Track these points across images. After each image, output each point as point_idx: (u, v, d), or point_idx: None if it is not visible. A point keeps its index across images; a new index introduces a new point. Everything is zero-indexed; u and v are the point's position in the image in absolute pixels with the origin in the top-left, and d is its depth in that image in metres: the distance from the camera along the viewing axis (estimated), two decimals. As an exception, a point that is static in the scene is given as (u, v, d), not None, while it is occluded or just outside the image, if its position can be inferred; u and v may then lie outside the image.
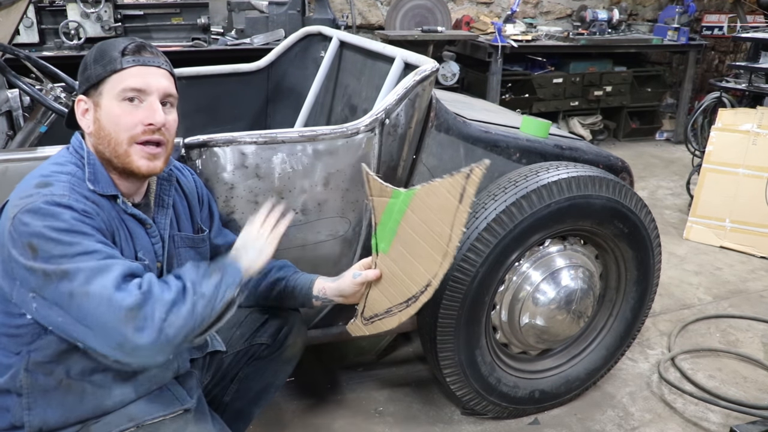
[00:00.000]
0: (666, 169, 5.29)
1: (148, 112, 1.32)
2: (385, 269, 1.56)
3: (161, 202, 1.47)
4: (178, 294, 1.22)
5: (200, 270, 1.29)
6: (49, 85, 1.97)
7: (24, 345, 1.30)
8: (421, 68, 1.88)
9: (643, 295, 2.29)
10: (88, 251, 1.18)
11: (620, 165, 2.41)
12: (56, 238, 1.17)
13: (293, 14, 4.41)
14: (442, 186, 1.44)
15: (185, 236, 1.54)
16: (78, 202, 1.23)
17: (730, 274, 3.43)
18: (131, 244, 1.36)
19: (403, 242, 1.52)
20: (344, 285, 1.60)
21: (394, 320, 1.56)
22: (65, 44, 3.97)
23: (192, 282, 1.25)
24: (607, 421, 2.27)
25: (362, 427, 2.18)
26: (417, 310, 1.52)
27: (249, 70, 2.67)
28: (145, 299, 1.17)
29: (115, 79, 1.30)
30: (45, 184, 1.24)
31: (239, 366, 1.69)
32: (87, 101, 1.34)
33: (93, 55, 1.34)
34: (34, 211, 1.18)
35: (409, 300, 1.52)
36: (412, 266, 1.50)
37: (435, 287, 1.48)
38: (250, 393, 1.71)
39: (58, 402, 1.31)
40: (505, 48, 4.99)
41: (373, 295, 1.59)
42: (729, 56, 6.69)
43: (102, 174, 1.33)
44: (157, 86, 1.33)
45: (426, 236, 1.47)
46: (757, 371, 2.58)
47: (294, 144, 1.75)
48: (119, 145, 1.31)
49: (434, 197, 1.46)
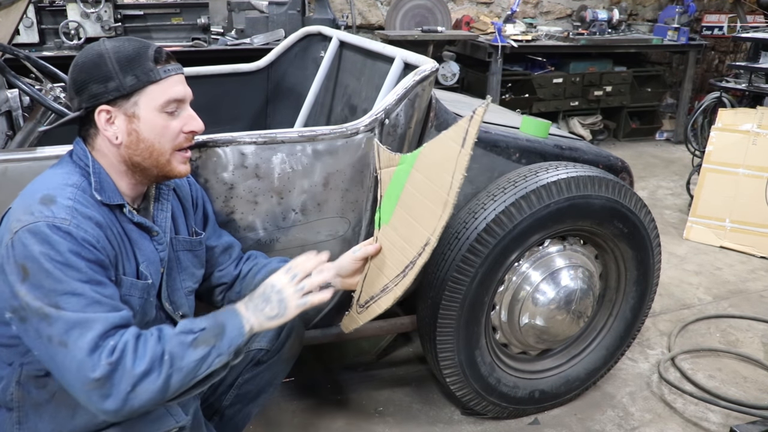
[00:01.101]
0: (666, 169, 5.29)
1: (188, 120, 1.36)
2: (385, 241, 1.54)
3: (161, 205, 1.47)
4: (152, 364, 1.18)
5: (188, 337, 1.24)
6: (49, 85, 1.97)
7: (17, 356, 1.29)
8: (421, 68, 1.88)
9: (643, 295, 2.29)
10: (75, 293, 1.17)
11: (620, 165, 2.41)
12: (49, 269, 1.16)
13: (293, 14, 4.41)
14: (446, 135, 1.42)
15: (183, 239, 1.53)
16: (79, 227, 1.20)
17: (730, 274, 3.43)
18: (133, 257, 1.35)
19: (405, 205, 1.50)
20: (344, 262, 1.58)
21: (389, 298, 1.51)
22: (65, 44, 3.96)
23: (171, 354, 1.21)
24: (607, 421, 2.27)
25: (362, 427, 2.18)
26: (413, 277, 1.47)
27: (249, 70, 2.67)
28: (113, 370, 1.15)
29: (154, 90, 1.30)
30: (49, 199, 1.22)
31: (238, 372, 1.67)
32: (113, 110, 1.29)
33: (115, 63, 1.27)
34: (35, 233, 1.17)
35: (405, 268, 1.47)
36: (411, 229, 1.47)
37: (433, 245, 1.42)
38: (248, 395, 1.70)
39: (50, 416, 1.29)
40: (505, 48, 4.99)
41: (371, 274, 1.57)
42: (729, 56, 6.69)
43: (108, 183, 1.32)
44: (185, 93, 1.36)
45: (427, 191, 1.44)
46: (757, 371, 2.58)
47: (294, 144, 1.75)
48: (162, 154, 1.33)
49: (438, 149, 1.43)
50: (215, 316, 1.32)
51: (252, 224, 1.79)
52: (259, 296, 1.36)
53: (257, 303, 1.35)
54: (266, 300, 1.35)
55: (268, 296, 1.35)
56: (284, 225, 1.82)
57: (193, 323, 1.28)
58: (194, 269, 1.57)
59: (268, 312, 1.34)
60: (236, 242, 1.71)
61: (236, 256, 1.69)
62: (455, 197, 1.37)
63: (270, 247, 1.82)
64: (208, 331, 1.26)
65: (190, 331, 1.25)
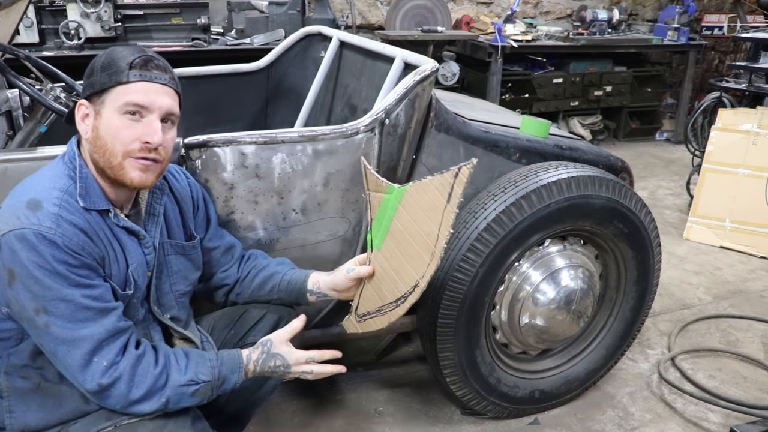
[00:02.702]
0: (666, 169, 5.29)
1: (147, 130, 1.31)
2: (377, 266, 1.55)
3: (152, 210, 1.47)
4: (148, 395, 1.28)
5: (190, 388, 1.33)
6: (49, 85, 1.96)
7: (5, 348, 1.32)
8: (421, 68, 1.88)
9: (643, 295, 2.29)
10: (64, 299, 1.22)
11: (620, 165, 2.41)
12: (38, 277, 1.20)
13: (293, 14, 4.41)
14: (431, 183, 1.42)
15: (175, 244, 1.53)
16: (64, 236, 1.22)
17: (730, 274, 3.43)
18: (124, 260, 1.37)
19: (395, 240, 1.51)
20: (338, 279, 1.59)
21: (384, 319, 1.53)
22: (65, 44, 3.97)
23: (169, 398, 1.30)
24: (607, 421, 2.27)
25: (362, 427, 2.18)
26: (405, 311, 1.48)
27: (249, 70, 2.67)
28: (106, 390, 1.26)
29: (119, 91, 1.30)
30: (36, 205, 1.24)
31: None
32: (88, 107, 1.33)
33: (101, 61, 1.32)
34: (22, 239, 1.20)
35: (398, 300, 1.49)
36: (401, 265, 1.48)
37: (422, 288, 1.43)
38: (245, 394, 1.68)
39: (38, 405, 1.34)
40: (505, 48, 4.99)
41: (366, 292, 1.58)
42: (729, 56, 6.69)
43: (93, 188, 1.33)
44: (159, 104, 1.32)
45: (415, 235, 1.45)
46: (757, 371, 2.58)
47: (294, 144, 1.75)
48: (114, 156, 1.31)
49: (424, 194, 1.44)
50: (221, 364, 1.40)
51: (252, 224, 1.79)
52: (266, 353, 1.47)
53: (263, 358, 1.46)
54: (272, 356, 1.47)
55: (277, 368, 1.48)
56: (284, 225, 1.82)
57: (200, 370, 1.36)
58: (187, 273, 1.57)
59: (271, 365, 1.47)
60: (238, 243, 1.71)
61: (238, 256, 1.69)
62: (442, 251, 1.39)
63: (270, 247, 1.82)
64: (210, 384, 1.36)
65: (195, 383, 1.34)
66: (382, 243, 1.54)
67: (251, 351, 1.45)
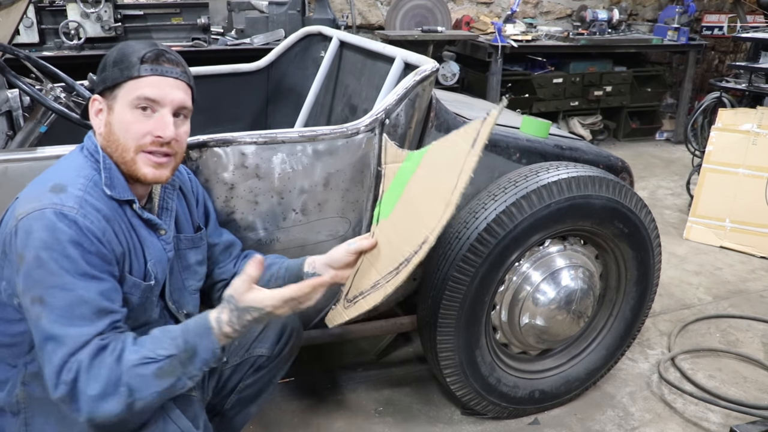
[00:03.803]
0: (666, 169, 5.29)
1: (159, 124, 1.31)
2: (381, 237, 1.50)
3: (166, 204, 1.47)
4: (106, 389, 1.15)
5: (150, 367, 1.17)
6: (49, 85, 1.96)
7: (21, 356, 1.29)
8: (421, 68, 1.88)
9: (643, 295, 2.29)
10: (65, 287, 1.17)
11: (620, 165, 2.41)
12: (43, 258, 1.16)
13: (293, 14, 4.41)
14: (456, 135, 1.38)
15: (186, 237, 1.53)
16: (86, 217, 1.21)
17: (730, 274, 3.43)
18: (142, 255, 1.36)
19: (406, 202, 1.47)
20: (336, 254, 1.53)
21: (379, 294, 1.44)
22: (65, 44, 3.96)
23: (130, 386, 1.16)
24: (607, 421, 2.27)
25: (362, 427, 2.18)
26: (407, 275, 1.39)
27: (249, 70, 2.67)
28: (71, 389, 1.15)
29: (130, 85, 1.30)
30: (60, 188, 1.23)
31: (239, 378, 1.67)
32: (102, 102, 1.34)
33: (113, 56, 1.33)
34: (39, 219, 1.18)
35: (400, 265, 1.41)
36: (410, 224, 1.43)
37: (431, 244, 1.35)
38: (249, 397, 1.71)
39: (56, 418, 1.28)
40: (505, 48, 4.99)
41: (363, 269, 1.52)
42: (729, 56, 6.69)
43: (118, 178, 1.33)
44: (171, 98, 1.32)
45: (431, 189, 1.40)
46: (757, 371, 2.58)
47: (294, 144, 1.75)
48: (126, 151, 1.31)
49: (447, 149, 1.39)
50: (186, 332, 1.24)
51: (252, 224, 1.79)
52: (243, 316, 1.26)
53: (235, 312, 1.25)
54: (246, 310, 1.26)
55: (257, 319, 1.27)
56: (285, 225, 1.82)
57: (159, 344, 1.21)
58: (197, 267, 1.57)
59: (248, 319, 1.25)
60: (237, 240, 1.71)
61: (236, 254, 1.69)
62: (459, 198, 1.33)
63: (270, 247, 1.82)
64: (176, 358, 1.20)
65: (153, 360, 1.18)
66: (391, 210, 1.49)
67: (219, 312, 1.26)
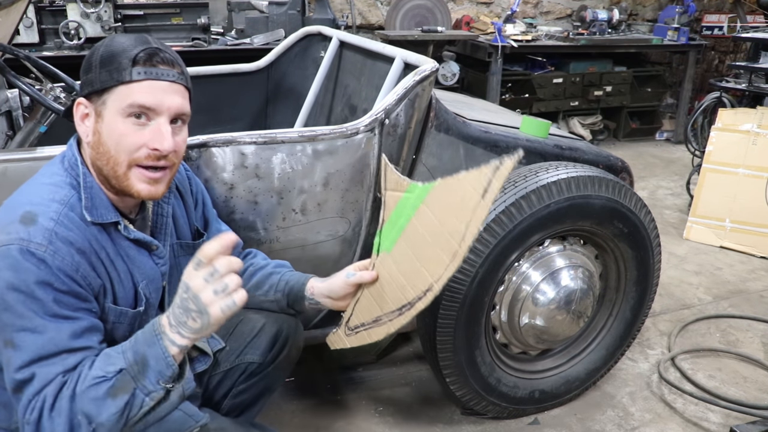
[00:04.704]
0: (666, 169, 5.29)
1: (155, 135, 1.17)
2: (383, 271, 1.42)
3: (161, 211, 1.38)
4: (71, 420, 1.06)
5: (102, 387, 1.06)
6: (49, 85, 1.97)
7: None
8: (421, 68, 1.88)
9: (643, 295, 2.29)
10: (35, 330, 1.08)
11: (620, 165, 2.41)
12: (9, 302, 1.07)
13: (293, 14, 4.42)
14: (465, 179, 1.28)
15: (185, 244, 1.46)
16: (56, 255, 1.10)
17: (730, 274, 3.43)
18: (130, 279, 1.26)
19: (410, 241, 1.39)
20: (335, 285, 1.45)
21: (381, 331, 1.41)
22: (65, 44, 3.97)
23: (85, 413, 1.06)
24: (607, 421, 2.27)
25: (362, 427, 2.18)
26: (409, 319, 1.36)
27: (249, 70, 2.67)
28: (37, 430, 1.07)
29: (121, 90, 1.16)
30: (30, 218, 1.11)
31: (230, 384, 1.58)
32: (88, 106, 1.20)
33: (100, 55, 1.18)
34: (6, 256, 1.08)
35: (402, 307, 1.36)
36: (414, 268, 1.35)
37: (435, 293, 1.31)
38: (245, 403, 1.62)
39: None
40: (505, 48, 4.99)
41: (364, 300, 1.45)
42: (729, 56, 6.69)
43: (100, 198, 1.21)
44: (168, 105, 1.18)
45: (437, 234, 1.32)
46: (757, 371, 2.58)
47: (294, 144, 1.75)
48: (118, 165, 1.18)
49: (455, 192, 1.31)
50: (135, 343, 1.11)
51: (252, 224, 1.79)
52: (179, 306, 1.09)
53: (178, 315, 1.09)
54: (186, 311, 1.08)
55: (186, 306, 1.08)
56: (284, 225, 1.82)
57: (109, 361, 1.10)
58: None
59: (192, 325, 1.08)
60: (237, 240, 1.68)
61: (236, 254, 1.66)
62: (467, 250, 1.26)
63: (270, 247, 1.82)
64: (126, 373, 1.08)
65: (104, 378, 1.08)
66: (393, 245, 1.42)
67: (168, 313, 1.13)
